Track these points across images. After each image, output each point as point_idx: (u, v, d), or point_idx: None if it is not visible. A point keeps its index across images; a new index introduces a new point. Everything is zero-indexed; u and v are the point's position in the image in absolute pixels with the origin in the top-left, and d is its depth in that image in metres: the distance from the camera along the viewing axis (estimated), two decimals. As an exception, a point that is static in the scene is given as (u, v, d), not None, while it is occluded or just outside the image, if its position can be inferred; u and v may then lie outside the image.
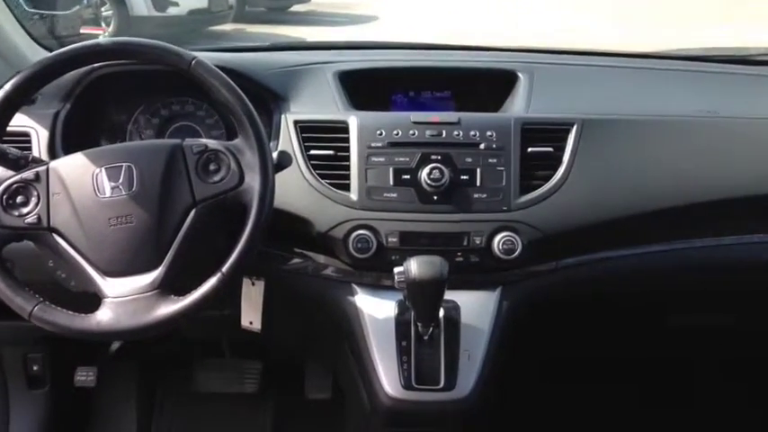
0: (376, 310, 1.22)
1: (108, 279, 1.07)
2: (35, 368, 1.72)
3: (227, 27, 8.01)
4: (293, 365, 1.89)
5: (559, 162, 1.26)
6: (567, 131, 1.28)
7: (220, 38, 7.70)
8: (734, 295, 1.43)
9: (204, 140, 1.13)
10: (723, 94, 1.46)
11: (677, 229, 1.30)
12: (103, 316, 1.05)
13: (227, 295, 1.17)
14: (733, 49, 1.78)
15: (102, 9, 6.44)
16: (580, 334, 1.56)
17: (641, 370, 1.85)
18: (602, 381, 1.87)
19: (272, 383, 1.94)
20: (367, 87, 1.42)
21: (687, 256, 1.30)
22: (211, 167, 1.10)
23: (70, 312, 1.07)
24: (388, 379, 1.17)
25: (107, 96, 1.41)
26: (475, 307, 1.21)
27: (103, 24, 6.35)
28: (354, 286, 1.25)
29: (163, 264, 1.07)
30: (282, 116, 1.32)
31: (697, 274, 1.33)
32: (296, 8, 9.91)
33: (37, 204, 1.10)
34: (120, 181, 1.09)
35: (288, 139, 1.28)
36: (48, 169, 1.11)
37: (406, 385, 1.16)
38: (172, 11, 6.93)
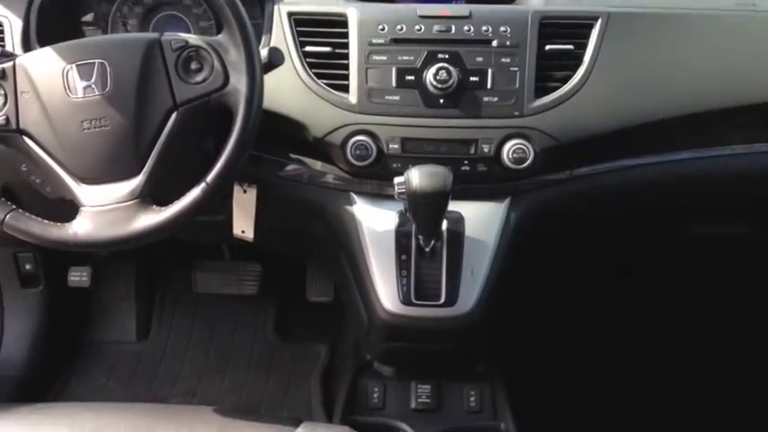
0: (375, 221, 1.15)
1: (84, 186, 1.00)
2: (27, 267, 1.69)
3: None
4: (294, 268, 1.86)
5: (580, 61, 1.15)
6: (591, 26, 1.16)
7: None
8: (749, 206, 1.35)
9: (185, 35, 1.02)
10: None
11: (707, 136, 1.20)
12: (80, 226, 0.99)
13: (219, 203, 1.11)
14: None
15: None
16: (592, 247, 1.49)
17: (652, 282, 1.80)
18: (610, 293, 1.83)
19: (273, 285, 1.91)
20: None
21: (717, 164, 1.21)
22: (193, 66, 1.00)
23: (45, 221, 1.01)
24: (387, 293, 1.13)
25: None
26: (481, 219, 1.14)
27: None
28: (353, 195, 1.18)
29: (143, 172, 0.99)
30: (276, 7, 1.19)
31: (722, 183, 1.24)
32: None
33: (5, 104, 1.01)
34: (93, 80, 0.99)
35: (281, 34, 1.17)
36: (14, 65, 1.02)
37: (405, 300, 1.11)
38: None
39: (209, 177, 0.97)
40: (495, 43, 1.13)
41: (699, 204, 1.32)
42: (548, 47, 1.14)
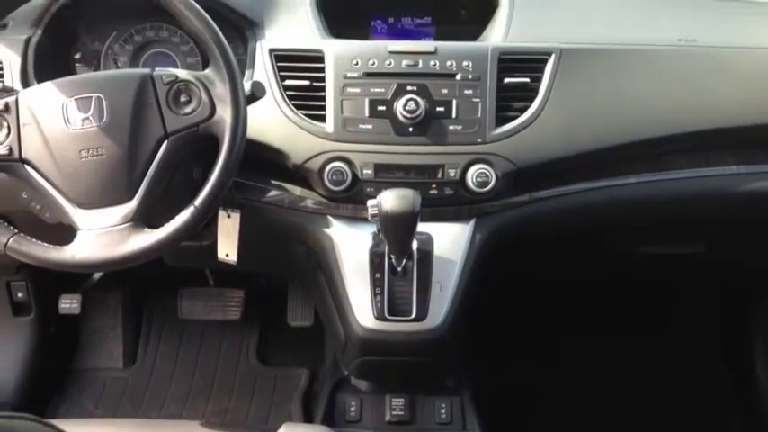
0: (351, 242, 1.23)
1: (81, 211, 1.08)
2: (19, 295, 1.75)
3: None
4: (275, 294, 1.93)
5: (536, 93, 1.25)
6: (545, 61, 1.26)
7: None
8: (704, 225, 1.44)
9: (175, 70, 1.11)
10: (702, 23, 1.43)
11: (653, 161, 1.30)
12: (78, 248, 1.06)
13: (204, 227, 1.19)
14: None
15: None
16: (551, 264, 1.58)
17: (612, 295, 1.89)
18: (571, 307, 1.91)
19: (255, 311, 1.98)
20: (347, 11, 1.39)
21: (661, 188, 1.31)
22: (182, 99, 1.09)
23: (45, 244, 1.08)
24: (362, 310, 1.20)
25: (79, 22, 1.37)
26: (448, 239, 1.23)
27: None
28: (330, 218, 1.26)
29: (136, 196, 1.07)
30: (258, 44, 1.29)
31: (669, 206, 1.34)
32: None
33: (8, 135, 1.09)
34: (91, 112, 1.08)
35: (263, 69, 1.26)
36: (17, 99, 1.10)
37: (379, 316, 1.19)
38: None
39: (198, 201, 1.06)
40: (458, 77, 1.23)
41: (654, 225, 1.42)
42: (506, 80, 1.24)
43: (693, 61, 1.31)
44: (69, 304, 1.78)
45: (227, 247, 1.30)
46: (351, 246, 1.23)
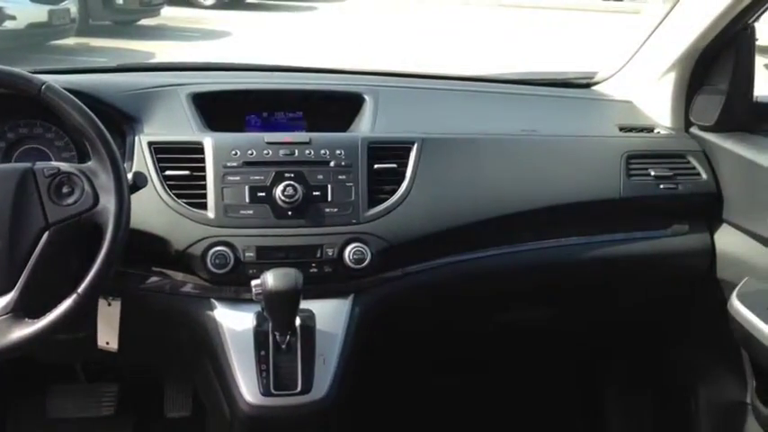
0: (235, 322, 1.27)
1: None
2: None
3: (71, 41, 7.65)
4: (151, 385, 1.88)
5: (403, 177, 1.37)
6: (409, 149, 1.40)
7: (63, 52, 7.34)
8: (554, 292, 1.61)
9: (56, 163, 1.14)
10: (543, 114, 1.65)
11: (507, 235, 1.45)
12: None
13: (83, 316, 1.18)
14: (554, 73, 1.99)
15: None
16: (427, 335, 1.68)
17: (477, 369, 2.02)
18: (447, 379, 2.02)
19: (130, 405, 1.91)
20: (221, 108, 1.47)
21: (516, 259, 1.46)
22: (64, 190, 1.11)
23: None
24: (248, 387, 1.22)
25: None
26: (329, 314, 1.29)
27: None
28: (213, 301, 1.29)
29: (16, 287, 1.07)
30: (136, 138, 1.34)
31: (525, 274, 1.49)
32: (144, 22, 9.60)
33: None
34: None
35: (142, 161, 1.31)
36: None
37: (265, 392, 1.21)
38: (8, 24, 6.52)
39: (80, 289, 1.07)
40: (332, 164, 1.34)
41: (511, 293, 1.56)
42: (376, 165, 1.36)
43: (535, 148, 1.51)
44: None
45: (108, 336, 1.29)
46: (235, 326, 1.26)
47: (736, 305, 1.35)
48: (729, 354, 1.51)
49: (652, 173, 1.50)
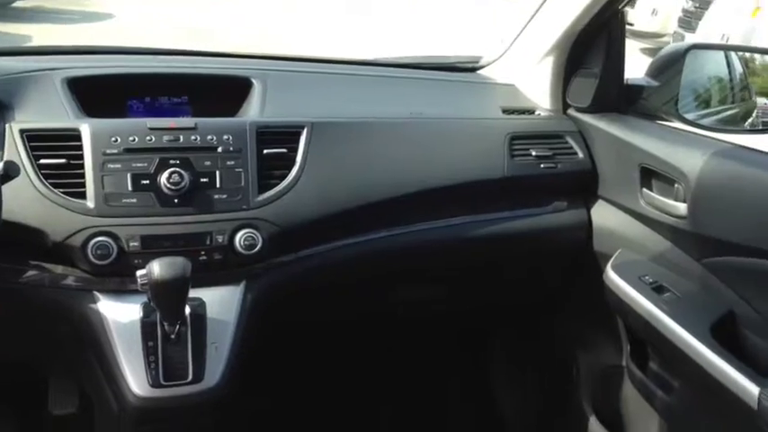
0: (120, 314, 1.23)
1: None
2: None
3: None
4: (34, 383, 1.79)
5: (293, 162, 1.36)
6: (299, 134, 1.39)
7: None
8: (443, 271, 1.66)
9: None
10: (431, 98, 1.69)
11: (398, 217, 1.48)
12: None
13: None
14: (440, 57, 2.03)
15: None
16: (322, 320, 1.69)
17: (371, 352, 2.05)
18: (346, 364, 2.04)
19: (11, 404, 1.82)
20: (101, 93, 1.41)
21: (406, 240, 1.49)
22: None
23: None
24: (136, 380, 1.19)
25: None
26: (220, 302, 1.27)
27: None
28: (96, 293, 1.24)
29: None
30: (7, 125, 1.26)
31: (416, 255, 1.53)
32: (19, 4, 9.00)
33: None
34: None
35: (14, 149, 1.23)
36: None
37: (154, 383, 1.19)
38: None
39: None
40: (220, 149, 1.31)
41: (403, 273, 1.60)
42: (265, 151, 1.34)
43: (423, 131, 1.54)
44: None
45: (-18, 333, 1.22)
46: (120, 318, 1.23)
47: (611, 275, 1.44)
48: (606, 322, 1.61)
49: (533, 153, 1.57)
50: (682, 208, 1.33)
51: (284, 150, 1.37)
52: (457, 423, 2.11)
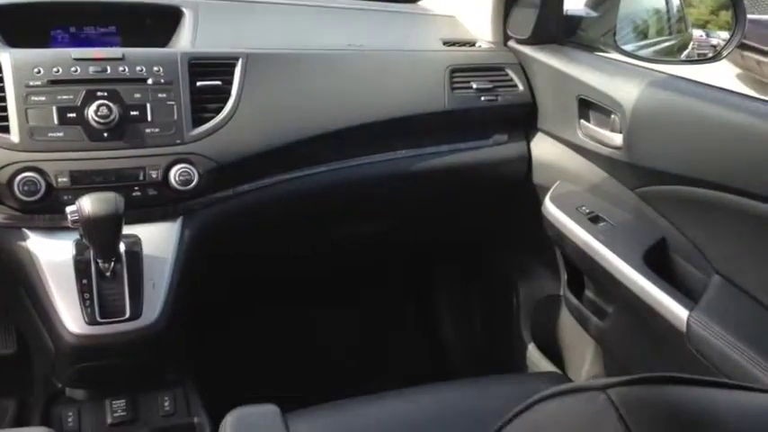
0: (52, 252, 1.20)
1: None
2: None
3: None
4: None
5: (228, 95, 1.32)
6: (233, 66, 1.34)
7: None
8: (389, 205, 1.66)
9: None
10: (369, 29, 1.65)
11: (338, 151, 1.46)
12: None
13: None
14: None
15: None
16: (263, 255, 1.68)
17: (315, 288, 2.06)
18: (288, 299, 2.05)
19: None
20: (22, 23, 1.34)
21: (347, 174, 1.47)
22: None
23: None
24: (71, 317, 1.17)
25: None
26: (157, 239, 1.25)
27: None
28: (26, 231, 1.20)
29: None
30: None
31: (357, 190, 1.52)
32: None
33: None
34: None
35: None
36: None
37: (91, 321, 1.17)
38: None
39: None
40: (150, 81, 1.26)
41: (344, 208, 1.59)
42: (199, 83, 1.30)
43: (362, 62, 1.51)
44: None
45: None
46: (52, 256, 1.19)
47: (549, 207, 1.46)
48: (544, 252, 1.64)
49: (474, 86, 1.55)
50: (617, 139, 1.35)
51: (218, 83, 1.32)
52: (400, 349, 2.15)
